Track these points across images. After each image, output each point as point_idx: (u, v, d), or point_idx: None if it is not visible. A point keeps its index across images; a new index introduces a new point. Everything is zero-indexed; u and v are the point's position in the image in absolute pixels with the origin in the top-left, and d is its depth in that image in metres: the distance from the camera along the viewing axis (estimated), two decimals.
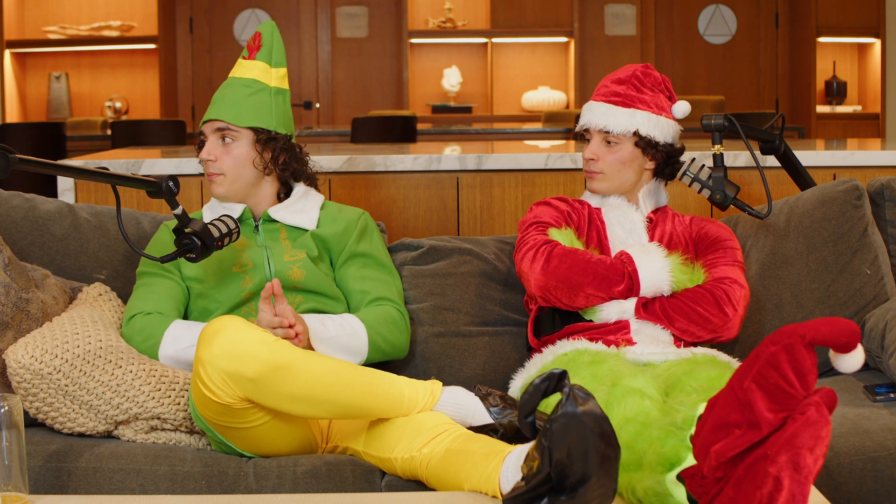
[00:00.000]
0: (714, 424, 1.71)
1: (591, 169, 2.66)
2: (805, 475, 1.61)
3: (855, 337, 1.68)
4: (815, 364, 1.66)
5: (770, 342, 1.67)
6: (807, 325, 1.66)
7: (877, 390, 2.47)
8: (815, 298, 2.78)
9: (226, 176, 2.56)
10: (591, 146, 2.65)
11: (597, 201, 2.72)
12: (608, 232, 2.65)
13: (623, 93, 2.64)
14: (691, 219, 2.73)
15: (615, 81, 2.68)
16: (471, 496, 1.89)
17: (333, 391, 2.09)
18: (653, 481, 1.83)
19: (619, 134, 2.62)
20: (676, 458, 1.83)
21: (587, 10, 8.45)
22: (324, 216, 2.65)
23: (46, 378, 2.22)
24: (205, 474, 2.17)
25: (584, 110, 2.69)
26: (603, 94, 2.67)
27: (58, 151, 6.32)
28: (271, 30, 2.64)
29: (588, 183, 2.68)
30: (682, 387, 2.19)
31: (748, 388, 1.67)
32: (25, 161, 2.06)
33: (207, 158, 2.56)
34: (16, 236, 2.64)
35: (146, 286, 2.54)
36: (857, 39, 8.50)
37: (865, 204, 2.85)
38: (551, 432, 1.66)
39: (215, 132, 2.57)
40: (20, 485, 1.82)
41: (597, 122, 2.64)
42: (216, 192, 2.59)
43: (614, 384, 2.14)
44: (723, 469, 1.69)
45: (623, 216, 2.66)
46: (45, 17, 8.35)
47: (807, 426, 1.62)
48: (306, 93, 8.58)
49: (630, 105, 2.63)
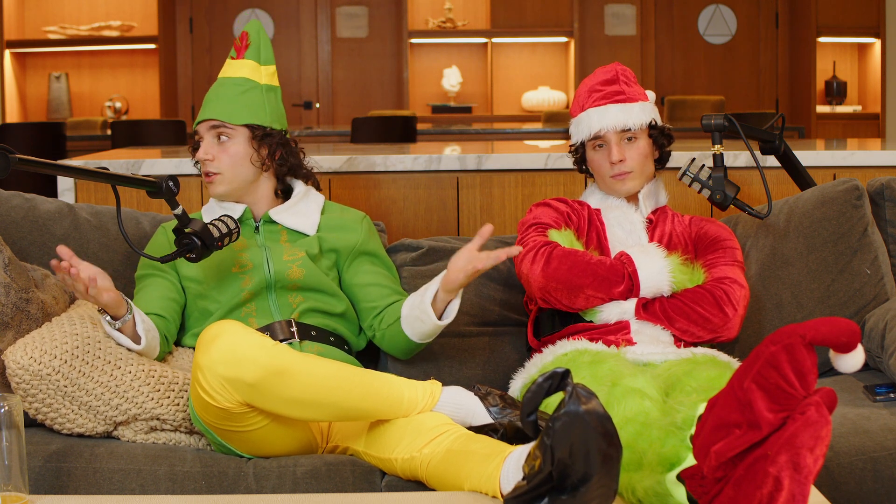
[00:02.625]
0: (714, 424, 1.71)
1: (621, 171, 2.62)
2: (805, 475, 1.61)
3: (855, 337, 1.68)
4: (815, 364, 1.66)
5: (770, 342, 1.67)
6: (807, 326, 1.66)
7: (877, 390, 2.47)
8: (816, 298, 2.78)
9: (224, 175, 2.56)
10: (615, 149, 2.60)
11: (596, 202, 2.71)
12: (608, 233, 2.65)
13: (622, 91, 2.64)
14: (691, 219, 2.72)
15: (604, 83, 2.66)
16: (471, 496, 1.89)
17: (333, 394, 2.08)
18: (653, 481, 1.82)
19: (637, 129, 2.62)
20: (676, 458, 1.83)
21: (587, 10, 8.45)
22: (326, 219, 2.64)
23: (45, 379, 2.22)
24: (204, 474, 2.17)
25: (588, 118, 2.64)
26: (603, 96, 2.65)
27: (58, 151, 6.32)
28: (258, 28, 2.64)
29: (619, 186, 2.64)
30: (683, 387, 2.19)
31: (748, 387, 1.67)
32: (25, 161, 2.06)
33: (205, 158, 2.55)
34: (16, 236, 2.64)
35: (142, 289, 2.54)
36: (857, 39, 8.50)
37: (865, 204, 2.85)
38: (554, 431, 1.65)
39: (210, 131, 2.56)
40: (20, 485, 1.82)
41: (615, 123, 2.61)
42: (215, 192, 2.58)
43: (614, 384, 2.14)
44: (723, 469, 1.69)
45: (623, 217, 2.65)
46: (45, 17, 8.35)
47: (807, 426, 1.62)
48: (306, 93, 8.58)
49: (635, 99, 2.63)
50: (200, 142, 2.58)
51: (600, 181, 2.68)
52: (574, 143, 2.71)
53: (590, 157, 2.68)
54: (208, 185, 2.58)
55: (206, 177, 2.57)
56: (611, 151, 2.61)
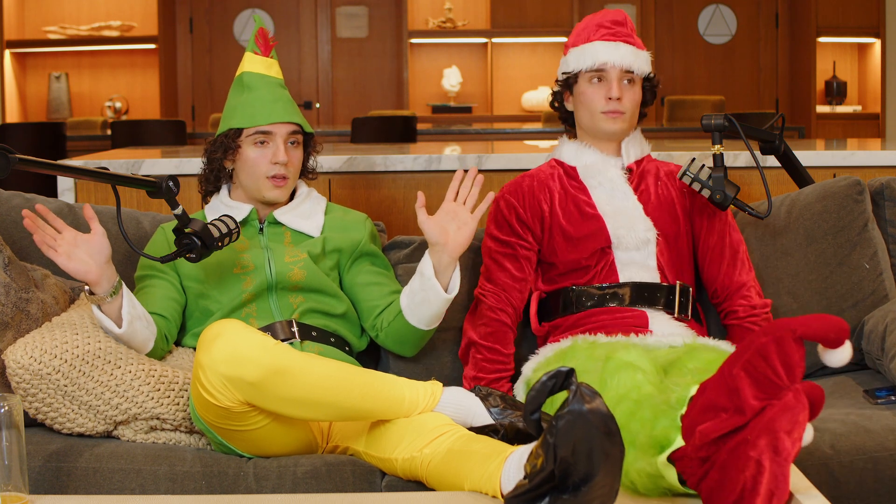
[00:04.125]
0: (703, 406, 1.77)
1: (616, 109, 2.58)
2: (784, 457, 1.68)
3: (843, 334, 1.73)
4: (802, 357, 1.71)
5: (762, 333, 1.73)
6: (799, 321, 1.72)
7: (877, 393, 2.47)
8: (813, 290, 2.78)
9: (291, 179, 2.56)
10: (615, 85, 2.56)
11: (571, 156, 2.66)
12: (592, 195, 2.61)
13: (631, 35, 2.62)
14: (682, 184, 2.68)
15: (615, 23, 2.62)
16: (471, 496, 1.89)
17: (333, 394, 2.08)
18: (644, 463, 1.84)
19: (639, 74, 2.60)
20: (667, 440, 1.84)
21: (587, 10, 8.44)
22: (329, 220, 2.64)
23: (46, 379, 2.22)
24: (204, 474, 2.17)
25: (594, 49, 2.59)
26: (613, 34, 2.60)
27: (58, 151, 6.32)
28: (264, 24, 2.66)
29: (609, 124, 2.58)
30: (681, 367, 2.19)
31: (737, 374, 1.73)
32: (25, 161, 2.06)
33: (285, 161, 2.51)
34: (16, 236, 2.64)
35: (143, 289, 2.53)
36: (857, 39, 8.50)
37: (867, 199, 2.85)
38: (557, 429, 1.65)
39: (289, 136, 2.53)
40: (20, 485, 1.82)
41: (622, 61, 2.57)
42: (279, 197, 2.55)
43: (608, 359, 2.14)
44: (706, 450, 1.75)
45: (601, 175, 2.61)
46: (45, 17, 8.35)
47: (784, 410, 1.69)
48: (306, 93, 8.58)
49: (642, 47, 2.63)
50: (268, 142, 2.52)
51: (587, 118, 2.62)
52: (568, 72, 2.64)
53: (582, 89, 2.61)
54: (274, 189, 2.53)
55: (272, 180, 2.53)
56: (611, 87, 2.57)
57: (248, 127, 2.52)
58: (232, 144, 2.54)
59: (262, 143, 2.52)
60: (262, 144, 2.52)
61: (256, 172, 2.53)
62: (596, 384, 2.04)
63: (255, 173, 2.53)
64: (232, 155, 2.55)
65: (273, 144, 2.52)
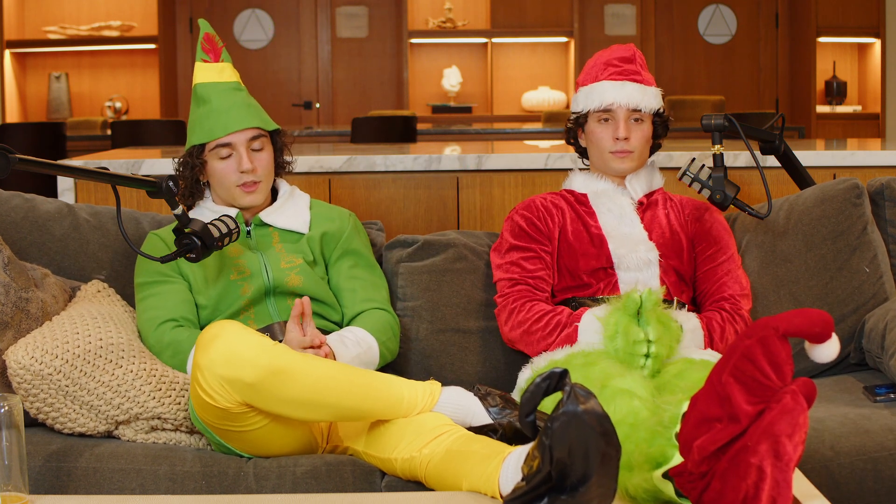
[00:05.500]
0: (696, 420, 1.74)
1: (624, 149, 2.64)
2: (786, 462, 1.63)
3: (828, 327, 1.70)
4: (789, 355, 1.68)
5: (745, 336, 1.70)
6: (780, 318, 1.69)
7: (877, 391, 2.47)
8: (814, 295, 2.78)
9: (263, 182, 2.56)
10: (622, 125, 2.62)
11: (581, 186, 2.72)
12: (600, 220, 2.66)
13: (639, 72, 2.66)
14: (686, 205, 2.73)
15: (622, 60, 2.67)
16: (470, 496, 1.89)
17: (332, 394, 2.08)
18: (641, 479, 1.84)
19: (647, 112, 2.64)
20: (663, 457, 1.84)
21: (587, 10, 8.45)
22: (314, 216, 2.64)
23: (46, 379, 2.22)
24: (204, 474, 2.17)
25: (602, 89, 2.64)
26: (620, 72, 2.65)
27: (58, 151, 6.32)
28: (211, 28, 2.64)
29: (618, 163, 2.65)
30: (672, 388, 2.20)
31: (726, 381, 1.69)
32: (25, 161, 2.06)
33: (250, 168, 2.52)
34: (16, 236, 2.64)
35: (159, 294, 2.50)
36: (857, 39, 8.50)
37: (865, 202, 2.85)
38: (552, 431, 1.65)
39: (249, 141, 2.53)
40: (20, 485, 1.82)
41: (629, 101, 2.62)
42: (256, 201, 2.56)
43: (604, 385, 2.14)
44: (707, 463, 1.71)
45: (611, 202, 2.67)
46: (45, 17, 8.34)
47: (783, 414, 1.64)
48: (306, 93, 8.58)
49: (650, 83, 2.67)
50: (230, 154, 2.53)
51: (597, 156, 2.69)
52: (578, 111, 2.70)
53: (591, 129, 2.68)
54: (247, 195, 2.55)
55: (244, 187, 2.54)
56: (618, 127, 2.63)
57: (208, 141, 2.53)
58: (197, 161, 2.55)
59: (227, 156, 2.53)
60: (227, 156, 2.53)
61: (226, 183, 2.54)
62: None
63: (225, 184, 2.55)
64: (200, 170, 2.57)
65: (236, 154, 2.53)
